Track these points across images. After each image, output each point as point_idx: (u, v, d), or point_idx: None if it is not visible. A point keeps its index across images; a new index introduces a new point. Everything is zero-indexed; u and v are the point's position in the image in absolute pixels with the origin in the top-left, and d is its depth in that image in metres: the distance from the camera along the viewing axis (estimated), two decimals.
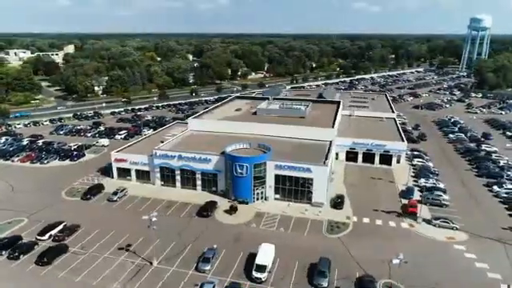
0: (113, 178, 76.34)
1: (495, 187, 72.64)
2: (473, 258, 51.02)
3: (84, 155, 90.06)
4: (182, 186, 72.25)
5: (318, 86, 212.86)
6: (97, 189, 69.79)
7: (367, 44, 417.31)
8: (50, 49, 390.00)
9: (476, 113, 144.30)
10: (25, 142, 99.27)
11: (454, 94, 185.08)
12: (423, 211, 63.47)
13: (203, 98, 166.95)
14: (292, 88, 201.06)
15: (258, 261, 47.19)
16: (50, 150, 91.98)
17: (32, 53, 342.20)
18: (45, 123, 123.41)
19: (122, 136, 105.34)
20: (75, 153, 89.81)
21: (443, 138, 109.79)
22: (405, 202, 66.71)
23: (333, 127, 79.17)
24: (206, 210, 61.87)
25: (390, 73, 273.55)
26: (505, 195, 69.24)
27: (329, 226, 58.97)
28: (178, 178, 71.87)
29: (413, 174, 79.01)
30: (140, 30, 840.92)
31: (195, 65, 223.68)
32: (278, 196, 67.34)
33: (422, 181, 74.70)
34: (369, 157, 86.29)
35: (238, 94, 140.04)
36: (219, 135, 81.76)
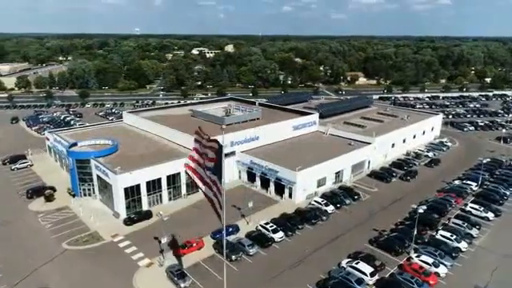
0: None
1: (344, 262, 48.39)
2: None
3: None
4: (67, 170, 79.51)
5: (418, 98, 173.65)
6: (17, 158, 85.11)
7: None
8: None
9: None
10: (62, 117, 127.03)
11: None
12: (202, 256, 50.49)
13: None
14: (379, 98, 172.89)
15: None
16: (60, 125, 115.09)
17: (209, 50, 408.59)
18: (107, 105, 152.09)
19: None
20: None
21: (448, 184, 75.40)
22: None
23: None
24: (28, 192, 67.50)
25: None
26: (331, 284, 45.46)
27: (81, 238, 54.89)
28: (64, 162, 79.55)
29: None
30: (352, 33, 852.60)
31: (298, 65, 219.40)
32: (100, 197, 65.98)
33: (262, 222, 56.91)
34: (267, 182, 70.56)
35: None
36: (135, 132, 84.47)
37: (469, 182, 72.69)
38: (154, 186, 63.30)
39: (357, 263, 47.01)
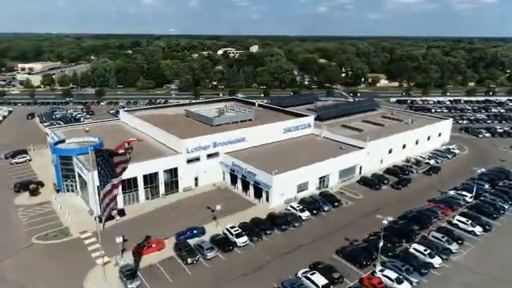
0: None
1: (300, 272, 46.22)
2: None
3: None
4: None
5: (438, 102, 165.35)
6: (18, 153, 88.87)
7: None
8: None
9: None
10: (74, 114, 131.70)
11: None
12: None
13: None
14: (397, 101, 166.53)
15: None
16: (70, 122, 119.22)
17: (236, 50, 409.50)
18: (121, 103, 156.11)
19: None
20: None
21: (443, 193, 70.70)
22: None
23: (184, 139, 68.75)
24: (16, 186, 70.10)
25: None
26: None
27: (52, 232, 56.13)
28: None
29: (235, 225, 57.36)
30: (388, 33, 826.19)
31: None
32: (82, 193, 67.31)
33: (228, 226, 55.62)
34: (247, 185, 69.25)
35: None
36: (127, 130, 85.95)
37: (464, 193, 67.80)
38: (129, 184, 63.72)
39: (312, 274, 44.86)
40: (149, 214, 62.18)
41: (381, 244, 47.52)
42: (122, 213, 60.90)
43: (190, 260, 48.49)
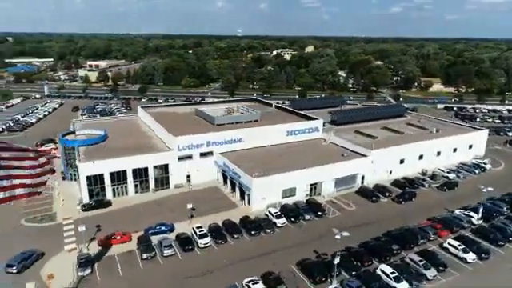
0: None
1: (245, 280, 44.18)
2: None
3: None
4: None
5: (494, 110, 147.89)
6: (46, 141, 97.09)
7: None
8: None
9: None
10: (112, 108, 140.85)
11: None
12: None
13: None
14: (445, 108, 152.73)
15: None
16: (106, 115, 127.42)
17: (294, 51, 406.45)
18: (159, 100, 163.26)
19: None
20: None
21: (449, 212, 63.05)
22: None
23: (176, 136, 69.50)
24: None
25: None
26: None
27: (40, 216, 60.40)
28: None
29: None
30: (470, 35, 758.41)
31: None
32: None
33: (195, 226, 55.07)
34: (234, 186, 68.21)
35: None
36: (138, 125, 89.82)
37: (471, 214, 59.85)
38: (118, 177, 66.27)
39: (254, 283, 42.83)
40: (133, 208, 64.07)
41: (336, 260, 43.71)
42: (107, 204, 63.67)
43: (145, 255, 49.11)
